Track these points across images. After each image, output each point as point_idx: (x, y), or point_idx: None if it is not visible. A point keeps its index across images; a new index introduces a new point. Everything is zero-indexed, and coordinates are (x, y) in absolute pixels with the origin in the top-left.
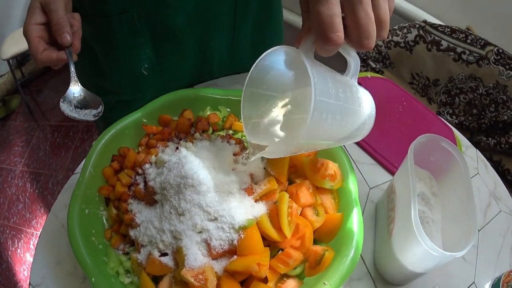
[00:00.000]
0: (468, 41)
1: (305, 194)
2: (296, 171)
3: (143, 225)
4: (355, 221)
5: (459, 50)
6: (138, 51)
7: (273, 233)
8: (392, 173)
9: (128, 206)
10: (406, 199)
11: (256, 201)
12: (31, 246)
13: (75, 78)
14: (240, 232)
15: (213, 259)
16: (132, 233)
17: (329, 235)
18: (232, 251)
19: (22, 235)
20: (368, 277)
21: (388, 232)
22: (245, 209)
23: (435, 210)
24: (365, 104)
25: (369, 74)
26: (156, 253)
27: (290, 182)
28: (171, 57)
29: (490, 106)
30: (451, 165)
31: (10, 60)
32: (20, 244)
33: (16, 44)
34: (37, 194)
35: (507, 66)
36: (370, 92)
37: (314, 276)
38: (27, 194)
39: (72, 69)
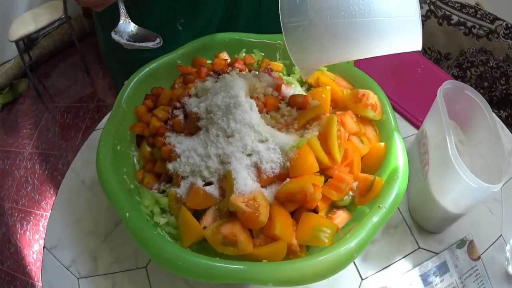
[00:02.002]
0: (478, 16)
1: (350, 122)
2: (336, 105)
3: (184, 155)
4: (399, 149)
5: (469, 24)
6: (177, 3)
7: (323, 156)
8: (417, 126)
9: (165, 139)
10: (440, 137)
11: (303, 126)
12: (41, 228)
13: (125, 13)
14: (292, 152)
15: (262, 186)
16: (170, 166)
17: (374, 165)
18: (283, 175)
19: (31, 217)
20: (404, 224)
21: (423, 175)
22: (293, 135)
23: (464, 158)
24: None
25: None
26: (200, 183)
27: None
28: (203, 12)
29: (501, 79)
30: (476, 113)
31: (18, 43)
32: (29, 226)
33: (24, 26)
34: (47, 175)
35: None
36: (390, 54)
37: (364, 204)
38: (36, 175)
39: (122, 5)
